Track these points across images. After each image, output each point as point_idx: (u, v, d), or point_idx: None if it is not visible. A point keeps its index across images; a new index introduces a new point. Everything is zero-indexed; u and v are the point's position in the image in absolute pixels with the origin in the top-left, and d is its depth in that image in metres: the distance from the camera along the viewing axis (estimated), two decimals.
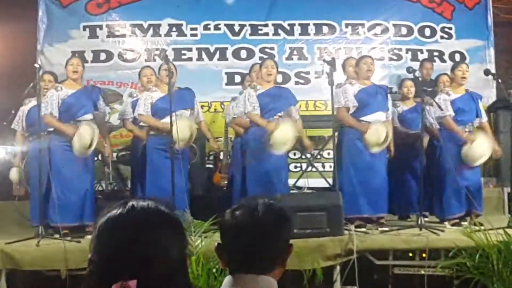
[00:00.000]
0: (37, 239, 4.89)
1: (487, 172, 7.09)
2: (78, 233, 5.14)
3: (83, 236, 5.06)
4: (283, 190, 5.45)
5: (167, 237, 1.19)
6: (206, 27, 7.85)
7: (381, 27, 7.98)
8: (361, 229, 5.23)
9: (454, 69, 5.79)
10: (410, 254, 5.00)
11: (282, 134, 5.27)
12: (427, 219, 5.53)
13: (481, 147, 5.44)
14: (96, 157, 6.25)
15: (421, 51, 7.96)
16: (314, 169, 6.86)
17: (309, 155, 6.89)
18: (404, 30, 8.01)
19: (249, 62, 7.39)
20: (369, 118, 5.48)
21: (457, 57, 7.87)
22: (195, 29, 7.85)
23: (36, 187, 5.29)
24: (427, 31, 8.03)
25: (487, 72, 6.18)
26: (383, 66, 7.71)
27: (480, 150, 5.44)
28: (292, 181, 6.41)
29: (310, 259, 4.67)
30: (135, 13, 7.84)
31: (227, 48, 7.85)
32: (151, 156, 5.57)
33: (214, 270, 4.39)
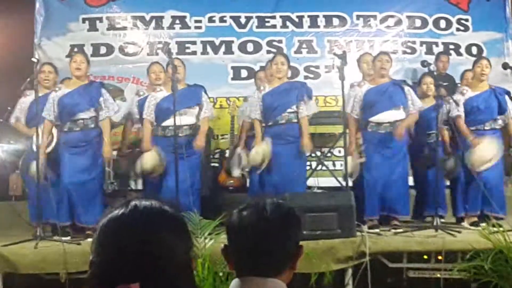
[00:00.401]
0: (36, 241, 4.87)
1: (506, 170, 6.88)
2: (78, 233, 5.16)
3: (84, 238, 5.02)
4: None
5: (171, 238, 1.16)
6: (211, 19, 7.70)
7: (394, 19, 7.80)
8: (374, 230, 5.17)
9: (474, 64, 5.72)
10: (425, 257, 4.93)
11: (256, 155, 5.40)
12: (443, 220, 5.46)
13: (485, 153, 5.35)
14: None
15: (436, 44, 7.79)
16: (324, 167, 6.62)
17: (319, 153, 6.73)
18: (418, 22, 7.83)
19: (256, 56, 7.35)
20: (378, 118, 5.41)
21: (474, 50, 7.74)
22: (199, 21, 7.69)
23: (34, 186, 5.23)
24: (443, 23, 7.84)
25: (505, 66, 6.02)
26: (396, 60, 7.47)
27: (483, 156, 5.34)
28: None
29: (321, 262, 4.63)
30: (136, 5, 7.71)
31: (233, 41, 7.68)
32: None
33: (221, 274, 4.33)
